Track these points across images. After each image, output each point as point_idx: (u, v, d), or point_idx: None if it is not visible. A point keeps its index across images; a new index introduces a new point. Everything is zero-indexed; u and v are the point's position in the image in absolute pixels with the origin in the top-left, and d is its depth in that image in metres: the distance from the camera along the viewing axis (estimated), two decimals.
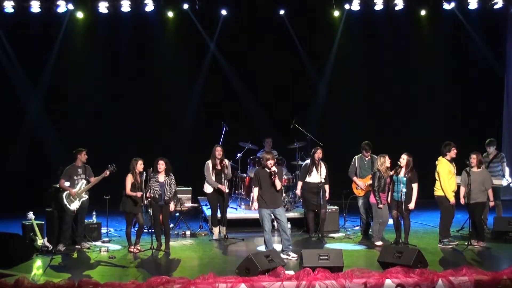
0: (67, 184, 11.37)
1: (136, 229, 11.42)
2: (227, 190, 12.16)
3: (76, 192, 11.39)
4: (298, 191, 12.42)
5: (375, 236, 11.55)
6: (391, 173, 11.36)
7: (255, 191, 10.66)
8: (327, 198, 12.29)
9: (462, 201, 11.44)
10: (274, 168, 10.51)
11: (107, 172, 11.38)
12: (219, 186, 12.01)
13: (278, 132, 15.03)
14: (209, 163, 12.14)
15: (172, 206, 11.33)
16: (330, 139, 14.48)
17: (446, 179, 11.30)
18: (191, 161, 14.29)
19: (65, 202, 11.35)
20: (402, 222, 11.30)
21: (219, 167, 12.09)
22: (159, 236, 11.26)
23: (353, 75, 16.29)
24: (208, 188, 12.17)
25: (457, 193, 11.53)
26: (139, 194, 11.01)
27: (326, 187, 12.20)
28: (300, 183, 12.35)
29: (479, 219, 11.48)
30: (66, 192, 11.38)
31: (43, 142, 15.30)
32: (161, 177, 11.21)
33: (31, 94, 15.35)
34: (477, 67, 16.35)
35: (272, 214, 10.66)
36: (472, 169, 11.36)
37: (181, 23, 15.52)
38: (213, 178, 12.07)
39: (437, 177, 11.44)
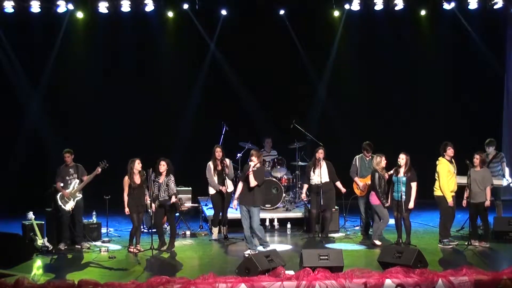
0: (61, 185, 11.40)
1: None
2: (229, 190, 12.12)
3: (69, 193, 11.39)
4: (304, 195, 12.26)
5: (375, 235, 11.53)
6: (391, 172, 11.37)
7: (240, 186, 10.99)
8: (343, 191, 12.17)
9: (465, 203, 11.45)
10: (251, 163, 10.68)
11: (99, 169, 11.37)
12: (220, 188, 12.02)
13: (278, 132, 15.02)
14: (211, 164, 12.14)
15: (173, 199, 11.22)
16: (330, 139, 14.46)
17: (445, 179, 11.27)
18: (191, 161, 14.30)
19: (60, 203, 11.37)
20: (402, 222, 11.31)
21: (219, 167, 12.09)
22: (162, 236, 11.32)
23: (353, 75, 16.28)
24: (211, 190, 12.18)
25: (459, 193, 11.54)
26: (126, 211, 11.08)
27: (338, 184, 12.10)
28: (305, 186, 12.21)
29: (485, 219, 11.48)
30: (59, 193, 11.40)
31: (43, 142, 15.30)
32: (161, 178, 11.24)
33: (31, 94, 15.35)
34: (477, 67, 16.32)
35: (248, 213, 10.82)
36: (475, 169, 11.36)
37: (181, 23, 15.52)
38: (215, 179, 12.07)
39: (436, 177, 11.43)
